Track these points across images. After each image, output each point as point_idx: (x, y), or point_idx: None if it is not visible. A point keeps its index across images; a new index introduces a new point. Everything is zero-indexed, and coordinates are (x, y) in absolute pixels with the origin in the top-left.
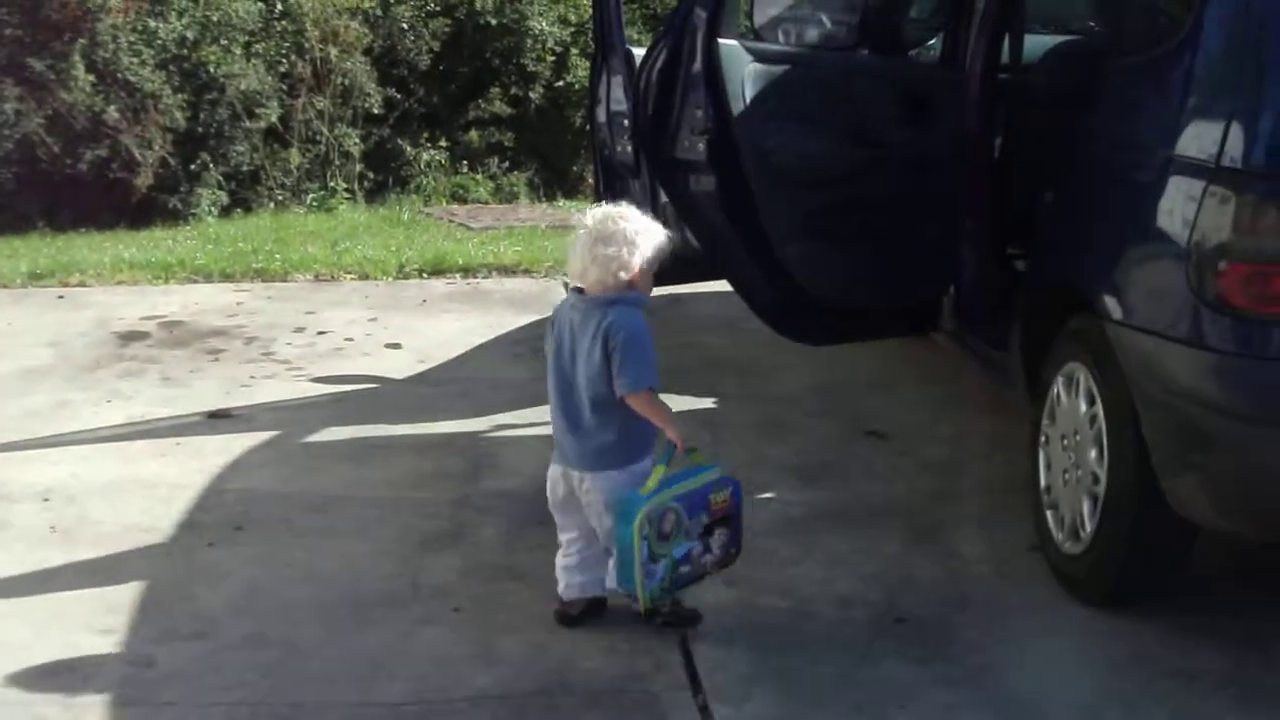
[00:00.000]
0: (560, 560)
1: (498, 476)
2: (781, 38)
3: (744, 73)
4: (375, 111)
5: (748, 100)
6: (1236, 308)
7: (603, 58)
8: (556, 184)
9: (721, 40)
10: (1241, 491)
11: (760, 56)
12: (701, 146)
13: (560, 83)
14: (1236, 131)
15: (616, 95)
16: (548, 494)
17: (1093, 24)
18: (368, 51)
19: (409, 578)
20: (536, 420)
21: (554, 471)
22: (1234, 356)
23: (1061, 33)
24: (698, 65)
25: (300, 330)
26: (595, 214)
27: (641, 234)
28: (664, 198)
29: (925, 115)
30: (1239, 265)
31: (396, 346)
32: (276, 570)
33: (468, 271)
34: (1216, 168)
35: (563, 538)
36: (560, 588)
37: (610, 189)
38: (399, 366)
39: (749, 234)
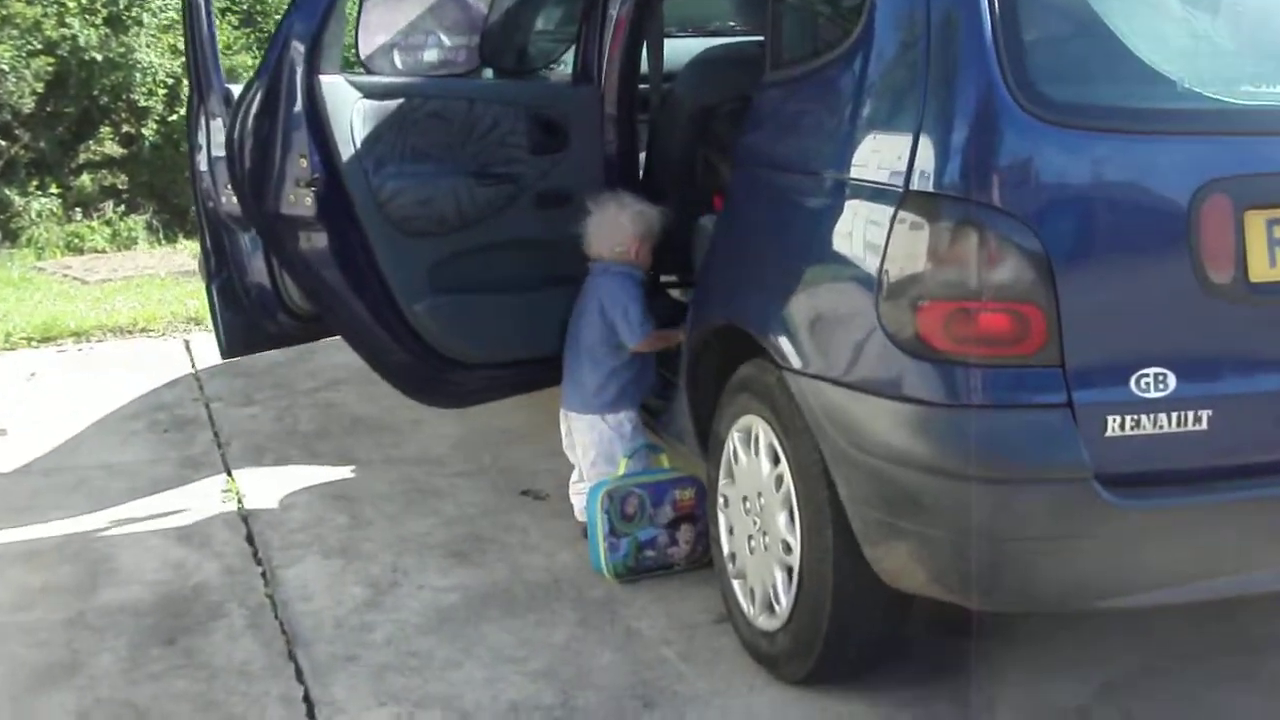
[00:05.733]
0: (572, 489)
1: (116, 586)
2: (393, 67)
3: (352, 111)
4: None
5: (358, 143)
6: (938, 350)
7: (200, 99)
8: (176, 225)
9: (324, 76)
10: (957, 558)
11: (370, 91)
12: (309, 199)
13: (174, 117)
14: (926, 148)
15: (219, 140)
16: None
17: (738, 25)
18: None
19: None
20: (158, 511)
21: (561, 415)
22: (938, 407)
23: (706, 35)
24: (298, 106)
25: None
26: (600, 198)
27: (635, 214)
28: None
29: (560, 140)
30: (939, 303)
31: (2, 433)
32: None
33: (80, 335)
34: (905, 191)
35: (574, 474)
36: (577, 511)
37: (218, 244)
38: (4, 456)
39: (369, 294)
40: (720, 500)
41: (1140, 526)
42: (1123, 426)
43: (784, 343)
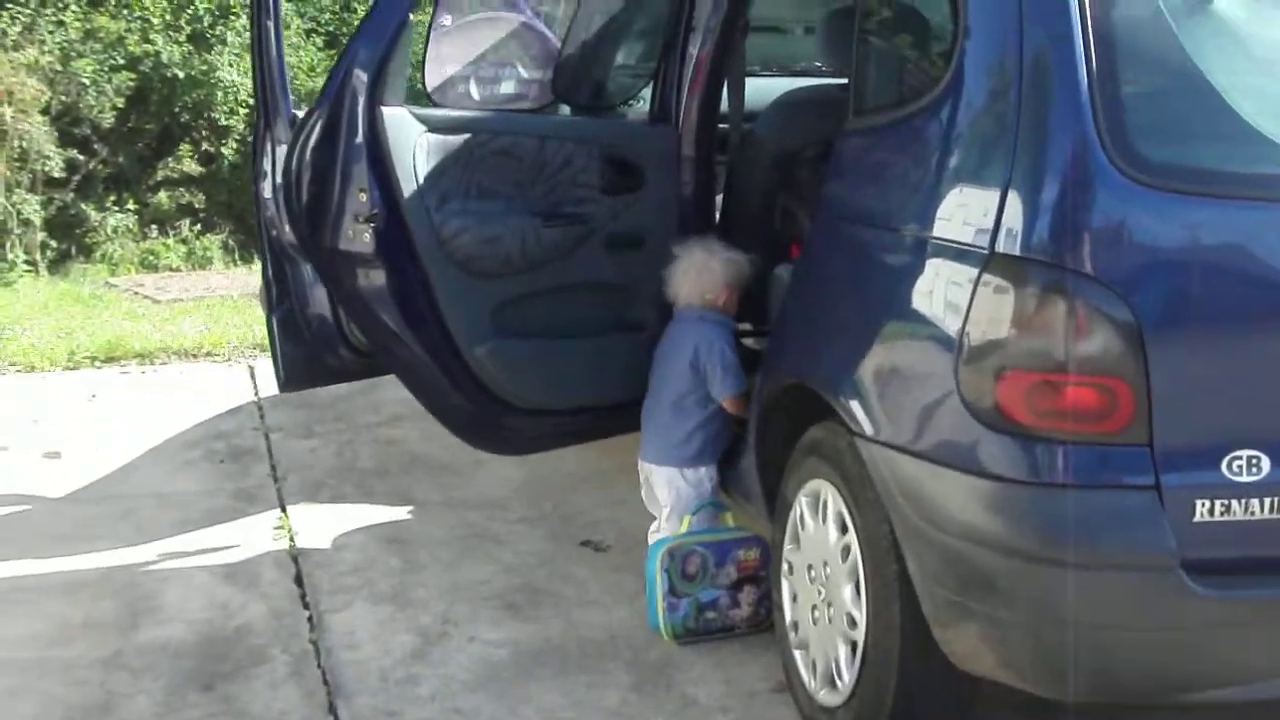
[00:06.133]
0: (651, 538)
1: (157, 624)
2: (460, 100)
3: (415, 144)
4: (56, 175)
5: (421, 178)
6: (1018, 424)
7: (266, 124)
8: (253, 246)
9: (387, 108)
10: (1034, 645)
11: (435, 125)
12: (368, 236)
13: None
14: (1014, 208)
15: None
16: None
17: (823, 67)
18: (45, 110)
19: None
20: (206, 546)
21: (640, 466)
22: (1018, 484)
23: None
24: (359, 138)
25: None
26: (686, 243)
27: (725, 261)
28: None
29: (634, 181)
30: (1021, 373)
31: (56, 455)
32: None
33: (144, 357)
34: (991, 252)
35: (654, 524)
36: None
37: (280, 274)
38: (57, 481)
39: (428, 335)
40: (785, 566)
41: (1228, 618)
42: (1212, 512)
43: (855, 406)
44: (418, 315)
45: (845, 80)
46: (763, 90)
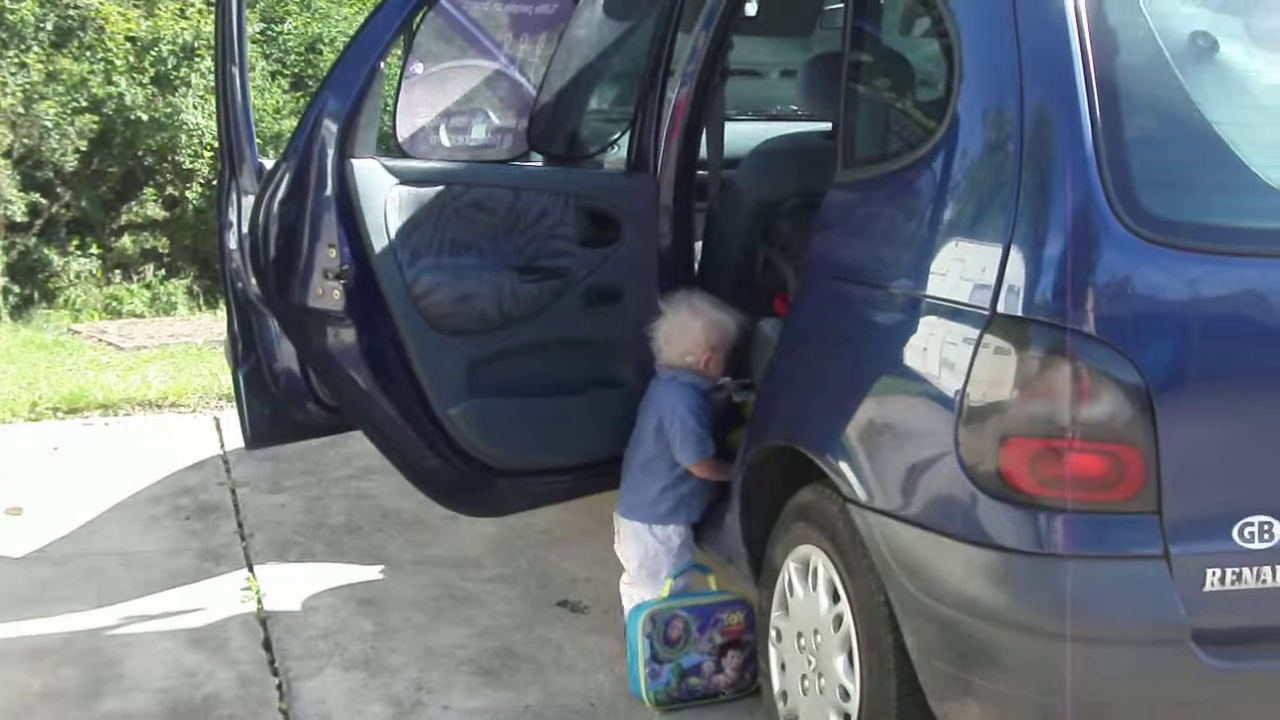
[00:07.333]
0: (623, 589)
1: (119, 694)
2: (432, 151)
3: (386, 197)
4: (18, 219)
5: (393, 232)
6: (1021, 492)
7: (231, 173)
8: (218, 291)
9: (357, 160)
10: None
11: (406, 177)
12: (338, 292)
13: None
14: (1016, 266)
15: None
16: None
17: (802, 112)
18: (7, 154)
19: None
20: (172, 609)
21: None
22: (1021, 555)
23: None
24: (328, 191)
25: None
26: (674, 299)
27: (710, 322)
28: None
29: (611, 233)
30: (1024, 440)
31: (18, 512)
32: None
33: (108, 408)
34: (992, 313)
35: (624, 575)
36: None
37: (246, 328)
38: (18, 540)
39: (401, 395)
40: (772, 634)
41: (1240, 691)
42: (1223, 580)
43: (848, 470)
44: (390, 375)
45: (827, 127)
46: (741, 135)
